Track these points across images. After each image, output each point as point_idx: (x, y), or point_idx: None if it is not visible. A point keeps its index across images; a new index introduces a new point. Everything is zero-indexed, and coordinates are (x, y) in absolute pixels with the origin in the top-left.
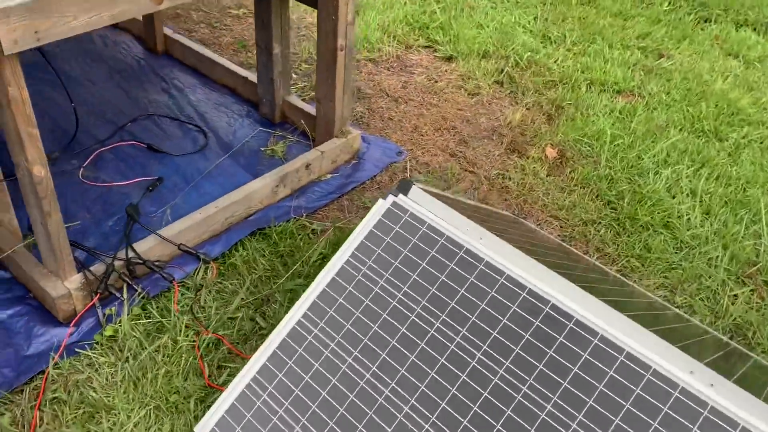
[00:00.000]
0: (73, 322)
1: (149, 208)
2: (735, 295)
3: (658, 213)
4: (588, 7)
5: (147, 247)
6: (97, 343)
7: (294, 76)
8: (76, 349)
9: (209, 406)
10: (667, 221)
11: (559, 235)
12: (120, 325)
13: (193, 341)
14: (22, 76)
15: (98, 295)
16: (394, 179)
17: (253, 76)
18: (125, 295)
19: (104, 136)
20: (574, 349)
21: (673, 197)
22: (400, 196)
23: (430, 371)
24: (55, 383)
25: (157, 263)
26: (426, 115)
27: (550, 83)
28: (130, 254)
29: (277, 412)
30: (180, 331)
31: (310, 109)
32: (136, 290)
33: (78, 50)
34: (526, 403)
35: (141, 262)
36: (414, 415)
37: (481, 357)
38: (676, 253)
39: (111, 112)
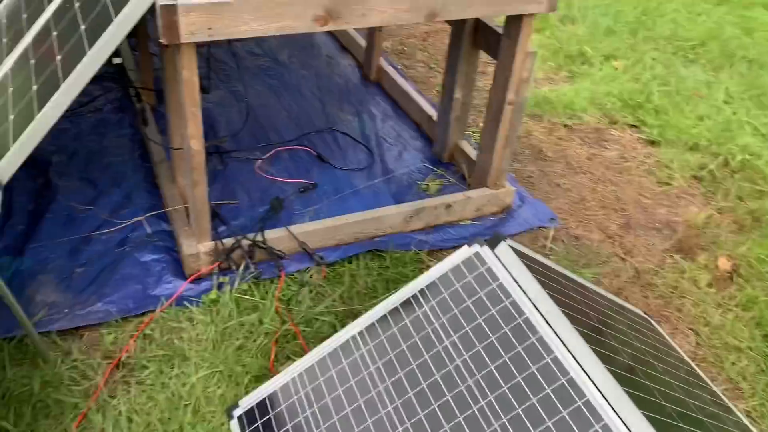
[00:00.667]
0: (191, 278)
1: (296, 206)
2: None
3: None
4: None
5: (276, 236)
6: (202, 302)
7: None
8: (185, 303)
9: None
10: None
11: (689, 351)
12: (224, 294)
13: (276, 328)
14: (195, 62)
15: (219, 263)
16: (534, 243)
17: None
18: (240, 271)
19: (289, 138)
20: None
21: None
22: (486, 248)
23: (445, 425)
24: (156, 323)
25: (277, 252)
26: (599, 191)
27: (759, 193)
28: (258, 238)
29: (305, 411)
30: (268, 314)
31: (475, 157)
32: (251, 269)
33: (303, 63)
34: None
35: (263, 247)
36: None
37: (497, 429)
38: None
39: (304, 120)
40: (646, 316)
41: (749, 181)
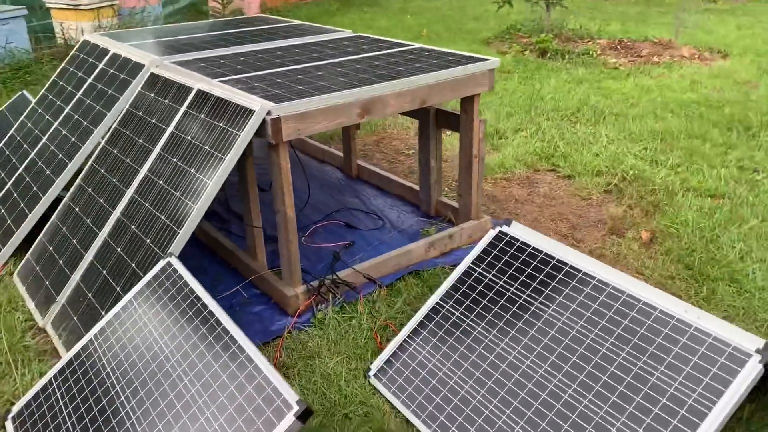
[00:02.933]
0: (297, 313)
1: (345, 258)
2: None
3: (727, 271)
4: (696, 140)
5: (344, 274)
6: (312, 325)
7: (447, 189)
8: (299, 327)
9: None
10: (735, 277)
11: None
12: (326, 314)
13: (372, 325)
14: (287, 156)
15: (313, 297)
16: None
17: (416, 188)
18: (330, 299)
19: (318, 218)
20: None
21: (742, 261)
22: (504, 226)
23: (530, 331)
24: (287, 341)
25: (350, 283)
26: (545, 213)
27: (652, 191)
28: (335, 278)
29: (421, 352)
30: (363, 318)
31: (456, 205)
32: (337, 297)
33: (297, 173)
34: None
35: (341, 282)
36: (521, 357)
37: (574, 327)
38: (737, 297)
39: (323, 206)
40: None
41: (642, 186)
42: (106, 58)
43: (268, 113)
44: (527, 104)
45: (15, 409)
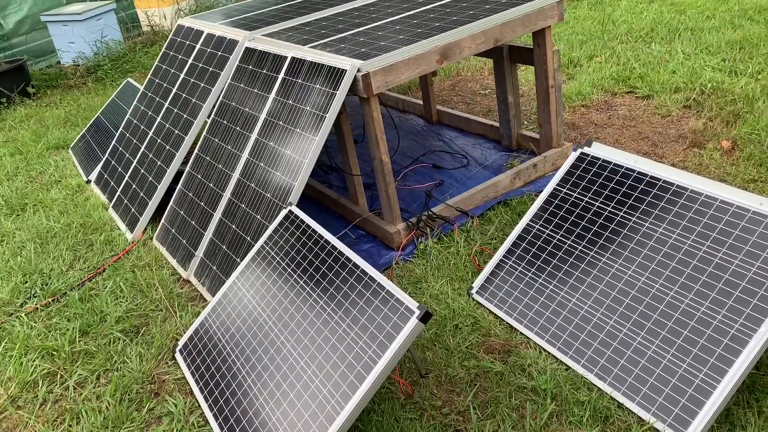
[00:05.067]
0: (401, 247)
1: (437, 195)
2: None
3: None
4: None
5: (438, 209)
6: (415, 255)
7: (526, 123)
8: (404, 259)
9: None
10: None
11: None
12: (426, 245)
13: (468, 251)
14: (378, 107)
15: (413, 231)
16: None
17: (496, 125)
18: (428, 232)
19: (407, 163)
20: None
21: None
22: (585, 147)
23: (616, 239)
24: (395, 271)
25: (445, 217)
26: (625, 134)
27: (732, 101)
28: (430, 213)
29: (517, 268)
30: (460, 246)
31: (536, 136)
32: (434, 230)
33: (387, 125)
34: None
35: (436, 216)
36: (609, 267)
37: (641, 221)
38: None
39: (410, 152)
40: None
41: (721, 98)
42: (202, 38)
43: (358, 70)
44: (599, 30)
45: (181, 342)
